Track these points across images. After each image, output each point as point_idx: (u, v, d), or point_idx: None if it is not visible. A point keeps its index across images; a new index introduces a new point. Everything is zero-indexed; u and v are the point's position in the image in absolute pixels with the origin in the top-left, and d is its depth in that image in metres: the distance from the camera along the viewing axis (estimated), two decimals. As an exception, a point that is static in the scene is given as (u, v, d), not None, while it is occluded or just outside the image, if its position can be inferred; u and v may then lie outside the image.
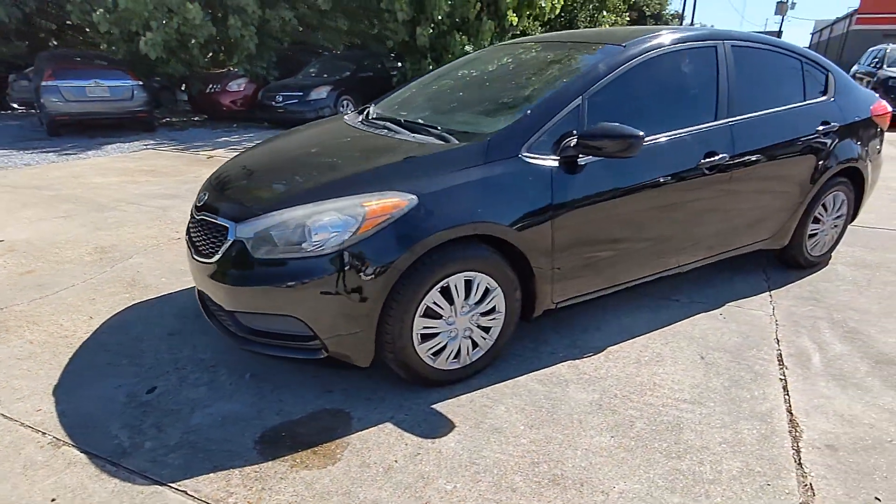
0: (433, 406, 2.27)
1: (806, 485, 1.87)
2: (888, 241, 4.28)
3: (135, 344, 2.75)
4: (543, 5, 11.86)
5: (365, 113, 3.27)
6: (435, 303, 2.20)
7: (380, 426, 2.15)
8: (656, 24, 40.51)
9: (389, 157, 2.34)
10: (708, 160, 2.79)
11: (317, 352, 2.14)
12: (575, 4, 17.55)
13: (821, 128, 3.28)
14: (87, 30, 12.65)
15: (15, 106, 14.72)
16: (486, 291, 2.32)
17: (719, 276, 3.55)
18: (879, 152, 3.80)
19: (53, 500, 1.77)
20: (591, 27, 17.97)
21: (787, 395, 2.36)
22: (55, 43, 14.79)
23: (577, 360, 2.62)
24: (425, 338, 2.25)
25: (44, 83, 9.50)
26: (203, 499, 1.79)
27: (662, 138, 2.68)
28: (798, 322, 2.98)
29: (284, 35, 11.85)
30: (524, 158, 2.33)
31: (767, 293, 3.34)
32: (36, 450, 1.99)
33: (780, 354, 2.67)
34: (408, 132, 2.65)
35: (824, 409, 2.26)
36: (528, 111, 2.44)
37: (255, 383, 2.42)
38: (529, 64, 3.05)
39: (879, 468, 1.95)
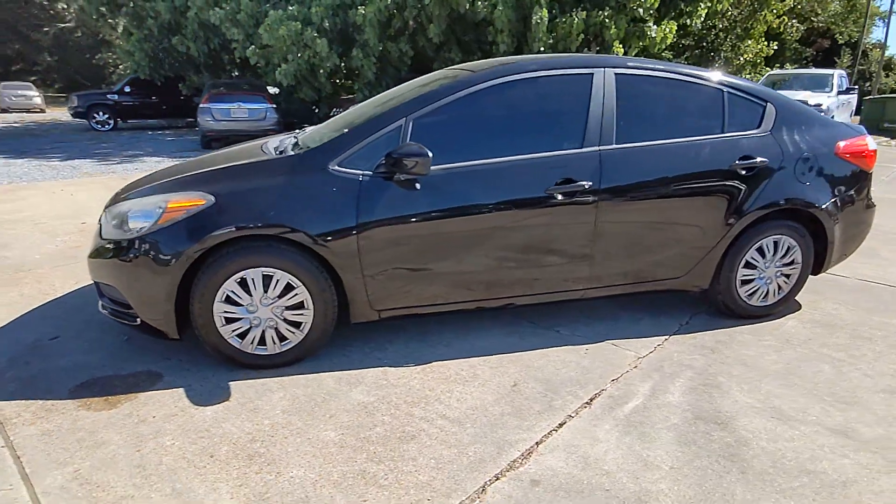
0: (230, 382, 2.54)
1: (468, 509, 1.82)
2: (893, 303, 3.56)
3: (83, 306, 3.40)
4: (654, 35, 11.34)
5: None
6: (233, 291, 2.49)
7: (173, 390, 2.48)
8: (853, 53, 35.40)
9: (222, 165, 2.69)
10: (561, 187, 2.70)
11: (134, 319, 2.55)
12: (717, 35, 16.34)
13: (739, 162, 2.93)
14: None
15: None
16: (289, 288, 2.54)
17: (630, 315, 3.31)
18: (860, 196, 3.24)
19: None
20: (732, 57, 16.59)
21: (555, 431, 2.22)
22: (236, 73, 17.57)
23: (393, 368, 2.70)
24: (229, 321, 2.53)
25: (201, 105, 11.47)
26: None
27: (497, 161, 2.67)
28: (661, 368, 2.71)
29: (402, 65, 12.82)
30: (333, 171, 2.53)
31: (666, 337, 3.04)
32: (-58, 363, 2.66)
33: (598, 394, 2.48)
34: (284, 146, 2.97)
35: (576, 450, 2.10)
36: (347, 129, 2.63)
37: (125, 344, 2.89)
38: (414, 87, 3.18)
39: (565, 513, 1.81)
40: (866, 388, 2.56)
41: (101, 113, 17.52)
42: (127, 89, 18.29)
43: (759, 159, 2.96)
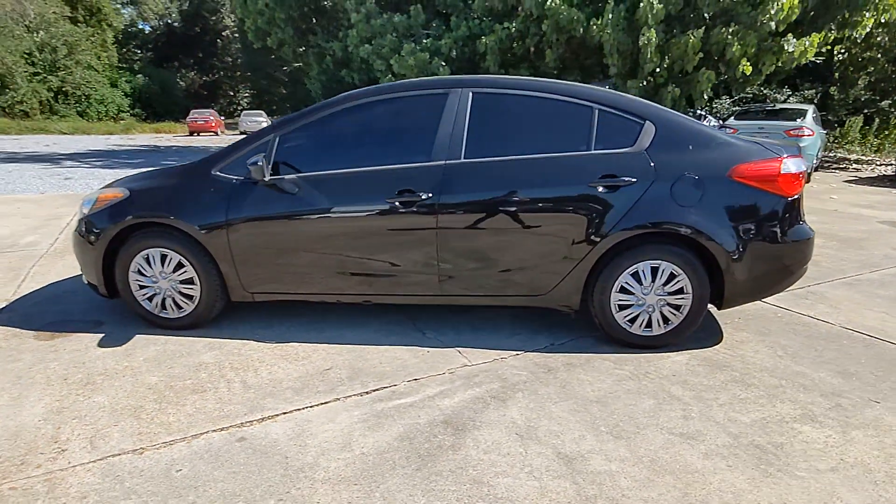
0: (136, 335, 3.18)
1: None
2: (847, 359, 2.92)
3: (117, 272, 4.40)
4: (791, 51, 9.90)
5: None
6: (141, 265, 3.14)
7: (97, 334, 3.20)
8: None
9: (152, 169, 3.37)
10: (400, 197, 2.86)
11: (83, 278, 3.34)
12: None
13: (600, 181, 2.77)
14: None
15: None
16: (180, 265, 3.11)
17: (511, 328, 3.26)
18: (775, 224, 2.78)
19: (-39, 316, 3.46)
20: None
21: (309, 408, 2.42)
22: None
23: (254, 342, 3.09)
24: (141, 287, 3.19)
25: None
26: (-11, 334, 3.20)
27: (345, 172, 2.93)
28: (472, 377, 2.68)
29: (524, 91, 13.01)
30: (214, 176, 3.05)
31: (518, 353, 2.95)
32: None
33: (384, 388, 2.59)
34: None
35: (305, 425, 2.28)
36: (231, 142, 3.12)
37: (106, 301, 3.72)
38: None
39: None
40: (667, 428, 2.27)
41: (292, 134, 20.64)
42: (313, 115, 21.25)
43: (624, 178, 2.75)
